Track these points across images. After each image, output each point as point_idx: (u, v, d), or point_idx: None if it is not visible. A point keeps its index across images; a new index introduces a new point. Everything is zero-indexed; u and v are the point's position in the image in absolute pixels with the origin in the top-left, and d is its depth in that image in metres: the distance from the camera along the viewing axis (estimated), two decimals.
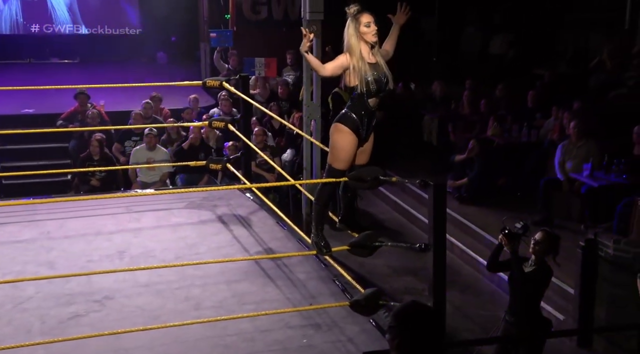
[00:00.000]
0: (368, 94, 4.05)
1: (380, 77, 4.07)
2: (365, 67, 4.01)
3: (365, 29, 4.02)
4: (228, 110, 9.62)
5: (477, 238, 7.80)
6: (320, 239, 4.32)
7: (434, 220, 3.78)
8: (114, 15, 15.05)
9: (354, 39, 4.02)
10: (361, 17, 4.02)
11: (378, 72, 4.06)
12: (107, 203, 6.10)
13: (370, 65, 4.05)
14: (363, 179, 4.06)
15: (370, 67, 4.03)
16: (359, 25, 4.02)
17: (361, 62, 4.01)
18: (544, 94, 9.84)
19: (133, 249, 5.19)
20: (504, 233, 4.81)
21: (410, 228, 8.63)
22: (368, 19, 4.03)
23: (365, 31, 4.02)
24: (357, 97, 4.07)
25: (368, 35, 4.03)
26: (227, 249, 5.23)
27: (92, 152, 8.38)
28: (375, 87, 4.04)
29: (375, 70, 4.05)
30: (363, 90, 4.03)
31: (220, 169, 6.77)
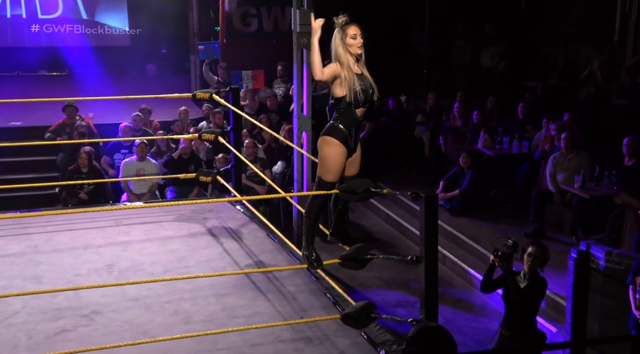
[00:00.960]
0: (356, 105, 4.08)
1: (367, 88, 4.11)
2: (354, 77, 4.04)
3: (352, 40, 4.05)
4: (218, 122, 9.62)
5: (469, 250, 7.81)
6: (311, 252, 4.32)
7: (425, 232, 3.78)
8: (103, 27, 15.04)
9: (341, 49, 4.05)
10: (348, 29, 4.06)
11: (364, 83, 4.10)
12: (95, 216, 6.07)
13: (357, 75, 4.08)
14: (354, 191, 4.06)
15: (357, 78, 4.06)
16: (345, 36, 4.05)
17: (350, 72, 4.04)
18: (535, 106, 9.90)
19: (122, 263, 5.17)
20: (496, 255, 4.83)
21: (402, 240, 8.64)
22: (355, 31, 4.06)
23: (351, 43, 4.06)
24: (344, 107, 4.09)
25: (353, 47, 4.06)
26: (217, 262, 5.21)
27: (80, 165, 8.36)
28: (363, 97, 4.08)
29: (362, 80, 4.09)
30: (351, 100, 4.06)
31: (210, 182, 6.76)
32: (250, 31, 12.72)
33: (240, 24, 12.65)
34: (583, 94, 9.71)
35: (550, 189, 7.90)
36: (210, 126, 9.59)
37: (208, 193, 8.66)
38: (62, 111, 9.69)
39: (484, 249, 7.58)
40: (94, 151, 8.70)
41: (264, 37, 12.64)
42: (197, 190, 8.58)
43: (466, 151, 8.82)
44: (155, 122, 10.11)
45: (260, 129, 9.58)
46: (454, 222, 8.35)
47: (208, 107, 10.24)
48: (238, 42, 12.36)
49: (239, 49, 12.20)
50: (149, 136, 9.25)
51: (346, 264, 4.12)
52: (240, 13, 12.58)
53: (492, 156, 9.01)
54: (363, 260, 4.07)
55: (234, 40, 12.32)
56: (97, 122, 9.93)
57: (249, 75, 10.29)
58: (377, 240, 8.64)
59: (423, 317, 3.80)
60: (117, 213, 6.20)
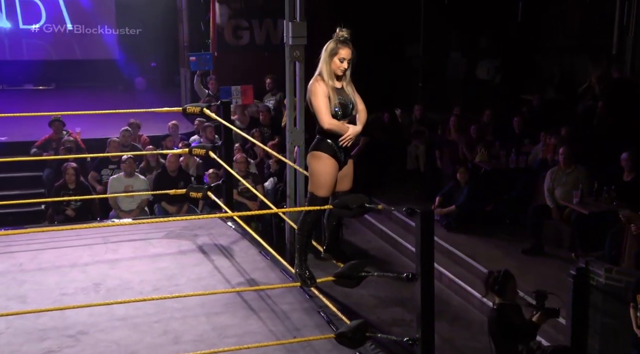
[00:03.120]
0: (335, 118, 4.12)
1: (347, 102, 4.14)
2: (333, 92, 4.09)
3: (338, 62, 4.08)
4: (210, 137, 9.62)
5: (466, 267, 7.81)
6: (304, 270, 4.31)
7: (421, 249, 3.78)
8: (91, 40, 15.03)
9: (326, 62, 4.09)
10: (341, 49, 4.08)
11: (344, 97, 4.14)
12: (82, 233, 6.04)
13: (336, 90, 4.12)
14: (348, 206, 4.06)
15: (336, 92, 4.11)
16: (334, 54, 4.07)
17: (330, 86, 4.08)
18: (532, 119, 9.96)
19: (109, 281, 5.14)
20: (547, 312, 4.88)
21: (397, 257, 8.63)
22: (345, 54, 4.07)
23: (335, 63, 4.08)
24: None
25: (336, 69, 4.09)
26: (207, 280, 5.19)
27: (67, 181, 8.33)
28: (341, 111, 4.12)
29: (340, 94, 4.13)
30: (330, 113, 4.09)
31: (200, 198, 6.75)
32: (242, 44, 12.76)
33: (231, 37, 12.70)
34: (580, 108, 9.78)
35: (548, 205, 7.92)
36: (201, 141, 9.60)
37: (198, 209, 8.65)
38: (48, 125, 9.67)
39: (481, 265, 7.58)
40: (80, 167, 8.67)
41: (255, 50, 12.69)
42: (187, 206, 8.57)
43: (462, 165, 8.84)
44: (145, 137, 10.10)
45: (252, 143, 9.59)
46: (450, 238, 8.36)
47: (200, 121, 10.24)
48: (229, 55, 12.40)
49: (230, 62, 12.23)
50: (138, 151, 9.24)
51: (340, 282, 4.10)
52: (231, 26, 12.64)
53: (488, 170, 9.04)
54: (357, 277, 4.05)
55: (226, 53, 12.36)
56: (85, 137, 9.91)
57: (238, 90, 10.36)
58: (372, 257, 8.64)
59: (419, 336, 3.78)
60: (105, 230, 6.17)
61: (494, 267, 7.36)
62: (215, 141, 9.26)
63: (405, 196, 9.84)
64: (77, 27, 14.89)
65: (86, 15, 14.84)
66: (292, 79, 7.43)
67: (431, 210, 3.92)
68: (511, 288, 5.02)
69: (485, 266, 7.53)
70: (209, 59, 11.27)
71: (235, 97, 10.31)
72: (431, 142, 10.36)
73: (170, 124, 10.12)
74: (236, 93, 10.34)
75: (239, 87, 10.33)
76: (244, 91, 10.39)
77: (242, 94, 10.36)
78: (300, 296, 4.90)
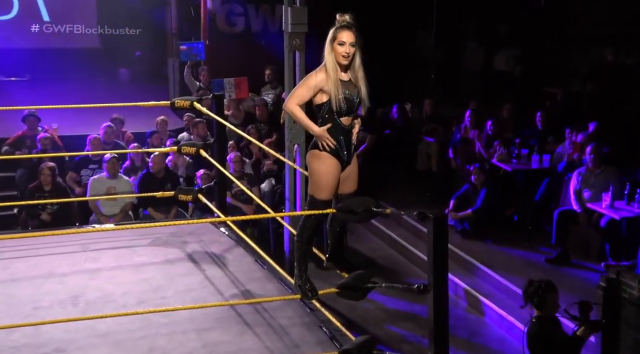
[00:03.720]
0: (339, 113, 4.10)
1: (352, 97, 4.12)
2: (337, 84, 4.06)
3: (339, 47, 4.06)
4: (201, 134, 9.62)
5: (483, 277, 7.80)
6: (304, 281, 4.30)
7: (433, 257, 3.78)
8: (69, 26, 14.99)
9: (328, 51, 4.09)
10: (340, 33, 4.07)
11: (350, 91, 4.11)
12: (59, 240, 6.05)
13: (342, 82, 4.10)
14: (353, 211, 4.06)
15: (342, 85, 4.08)
16: (334, 39, 4.07)
17: (333, 76, 4.06)
18: (556, 115, 9.95)
19: (89, 294, 5.14)
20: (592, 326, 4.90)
21: (408, 266, 8.63)
22: (345, 37, 4.05)
23: (337, 49, 4.07)
24: (327, 115, 4.11)
25: (338, 55, 4.07)
26: (197, 292, 5.18)
27: (42, 182, 8.33)
28: (346, 106, 4.10)
29: (347, 88, 4.10)
30: (333, 108, 4.08)
31: (190, 201, 6.74)
32: (236, 32, 12.77)
33: (224, 24, 12.71)
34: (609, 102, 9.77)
35: (575, 209, 7.90)
36: (191, 138, 9.59)
37: (188, 214, 8.63)
38: (22, 121, 9.67)
39: (499, 276, 7.57)
40: (57, 167, 8.66)
41: (251, 38, 12.69)
42: (175, 210, 8.56)
43: (479, 165, 8.84)
44: (129, 134, 10.11)
45: (247, 141, 9.58)
46: (466, 246, 8.36)
47: (189, 116, 10.24)
48: (222, 44, 12.40)
49: (223, 52, 12.23)
50: (121, 149, 9.23)
51: (345, 294, 4.10)
52: (224, 11, 12.65)
53: (508, 171, 9.03)
54: (363, 289, 4.05)
55: (218, 41, 12.37)
56: (62, 134, 9.90)
57: (231, 83, 10.29)
58: (380, 266, 8.64)
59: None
60: (85, 237, 6.18)
61: (515, 278, 7.40)
62: (207, 138, 9.25)
63: (416, 198, 9.83)
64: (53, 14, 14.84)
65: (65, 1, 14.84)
66: (292, 70, 7.42)
67: (445, 214, 3.91)
68: (552, 300, 5.07)
69: (504, 277, 7.52)
70: (201, 48, 11.26)
71: (229, 91, 10.27)
72: (444, 139, 10.35)
73: (158, 119, 10.11)
74: (229, 86, 10.29)
75: (232, 79, 10.30)
76: (238, 83, 10.34)
77: (236, 87, 10.32)
78: (300, 309, 4.89)
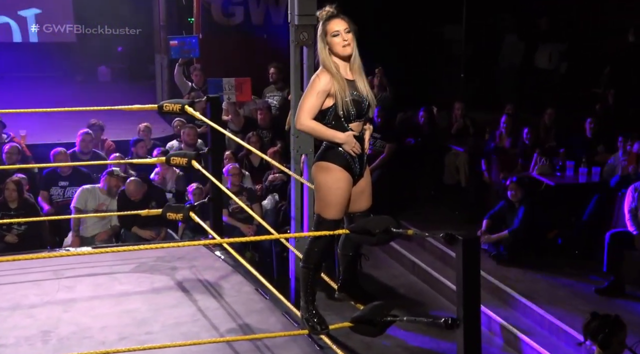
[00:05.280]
0: (347, 119, 4.13)
1: (361, 98, 4.16)
2: (343, 85, 4.11)
3: (333, 39, 4.12)
4: (191, 141, 9.66)
5: (521, 310, 7.78)
6: (312, 314, 4.31)
7: (463, 286, 3.77)
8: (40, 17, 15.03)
9: (324, 52, 4.14)
10: (329, 25, 4.13)
11: (358, 92, 4.16)
12: (28, 266, 6.05)
13: (348, 82, 4.15)
14: (369, 231, 4.06)
15: (348, 85, 4.13)
16: (326, 34, 4.13)
17: (338, 78, 4.10)
18: (608, 120, 9.93)
19: (62, 328, 5.14)
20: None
21: (433, 297, 8.62)
22: (337, 26, 4.12)
23: (332, 42, 4.12)
24: (334, 121, 4.15)
25: (337, 47, 4.12)
26: (188, 326, 5.19)
27: (7, 198, 8.34)
28: (355, 110, 4.14)
29: (354, 89, 4.15)
30: (340, 113, 4.11)
31: (181, 220, 6.76)
32: (234, 24, 12.82)
33: (221, 15, 12.76)
34: None
35: (630, 231, 7.88)
36: (182, 147, 9.63)
37: (178, 235, 8.65)
38: None
39: (541, 309, 7.55)
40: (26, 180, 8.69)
41: (251, 31, 12.74)
42: (164, 232, 8.58)
43: (516, 179, 8.83)
44: (109, 142, 10.15)
45: (247, 151, 9.61)
46: (501, 273, 8.34)
47: (180, 121, 10.27)
48: (218, 39, 12.46)
49: (219, 47, 12.28)
50: (101, 159, 9.27)
51: (359, 329, 4.10)
52: (221, 1, 12.72)
53: (551, 186, 9.02)
54: (381, 323, 4.05)
55: (213, 35, 12.42)
56: (31, 142, 9.95)
57: (232, 84, 10.21)
58: (400, 296, 8.63)
59: None
60: (57, 262, 6.17)
61: (559, 311, 7.38)
62: (200, 148, 9.28)
63: (443, 217, 9.82)
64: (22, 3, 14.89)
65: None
66: (299, 69, 7.45)
67: (477, 236, 3.91)
68: (620, 340, 5.04)
69: (547, 310, 7.50)
70: (194, 43, 11.28)
71: (228, 93, 10.18)
72: (476, 149, 10.35)
73: (141, 126, 10.14)
74: (229, 87, 10.20)
75: (233, 79, 10.24)
76: (240, 84, 10.24)
77: (237, 89, 10.23)
78: (308, 346, 4.89)
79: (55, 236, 8.80)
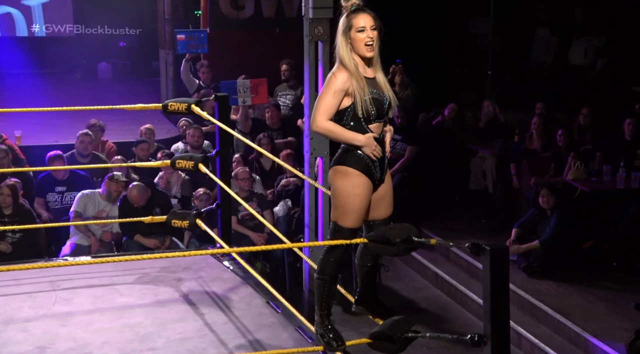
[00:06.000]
0: (367, 120, 4.14)
1: (382, 98, 4.17)
2: (363, 84, 4.11)
3: (358, 35, 4.12)
4: (197, 143, 9.68)
5: (554, 327, 7.76)
6: (327, 329, 4.32)
7: (491, 300, 3.77)
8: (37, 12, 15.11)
9: (345, 46, 4.14)
10: (355, 19, 4.13)
11: (378, 91, 4.17)
12: (22, 277, 6.08)
13: (368, 80, 4.16)
14: (388, 241, 4.07)
15: (367, 84, 4.14)
16: (350, 28, 4.12)
17: (357, 76, 4.11)
18: None
19: (59, 344, 5.16)
20: None
21: (458, 312, 8.61)
22: (364, 21, 4.12)
23: (356, 38, 4.12)
24: (352, 122, 4.16)
25: (359, 44, 4.12)
26: (195, 342, 5.20)
27: (1, 203, 8.36)
28: (375, 110, 4.14)
29: (373, 87, 4.16)
30: (359, 114, 4.12)
31: (186, 228, 6.78)
32: (244, 17, 12.86)
33: (229, 8, 12.80)
34: None
35: None
36: (188, 149, 9.66)
37: (183, 244, 8.67)
38: None
39: (575, 325, 7.52)
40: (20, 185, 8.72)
41: (262, 25, 12.77)
42: (169, 240, 8.60)
43: (548, 185, 8.81)
44: (110, 144, 10.19)
45: (257, 153, 9.63)
46: (532, 286, 8.32)
47: (186, 122, 10.29)
48: (227, 33, 12.50)
49: (228, 43, 12.32)
50: (101, 162, 9.30)
51: (378, 345, 4.11)
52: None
53: (586, 192, 8.99)
54: (402, 339, 4.05)
55: (222, 30, 12.46)
56: (26, 144, 9.99)
57: (247, 86, 10.06)
58: (422, 311, 8.62)
59: None
60: (54, 272, 6.19)
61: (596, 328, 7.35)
62: (207, 150, 9.31)
63: (469, 226, 9.81)
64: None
65: None
66: (313, 66, 7.47)
67: (505, 247, 3.91)
68: None
69: (581, 327, 7.47)
70: (203, 38, 11.29)
71: (243, 95, 10.05)
72: (504, 152, 10.33)
73: (143, 128, 10.15)
74: (244, 89, 10.06)
75: (248, 81, 10.15)
76: (255, 86, 10.13)
77: (252, 91, 10.13)
78: None
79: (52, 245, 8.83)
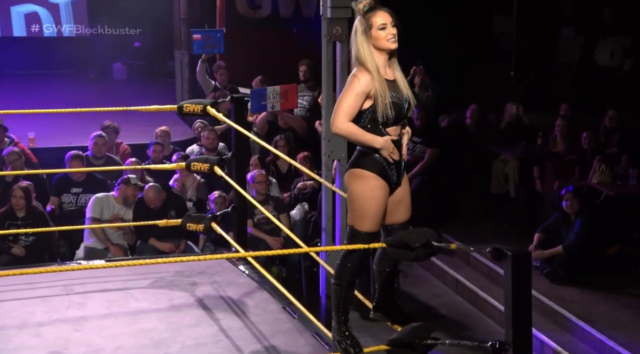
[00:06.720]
0: (385, 122, 4.15)
1: (401, 101, 4.18)
2: (384, 87, 4.12)
3: (379, 33, 4.13)
4: (212, 145, 9.70)
5: (578, 335, 7.73)
6: (344, 335, 4.33)
7: (512, 307, 3.77)
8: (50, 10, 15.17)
9: (365, 47, 4.14)
10: (373, 17, 4.13)
11: (398, 93, 4.17)
12: (35, 280, 6.10)
13: (388, 83, 4.16)
14: (407, 245, 4.07)
15: (388, 86, 4.14)
16: (370, 28, 4.13)
17: (378, 80, 4.12)
18: None
19: (72, 349, 5.19)
20: None
21: (478, 318, 8.59)
22: (384, 18, 4.13)
23: (378, 36, 4.13)
24: (369, 125, 4.16)
25: (382, 41, 4.13)
26: (210, 347, 5.22)
27: (14, 206, 8.40)
28: (393, 113, 4.15)
29: (393, 90, 4.16)
30: (377, 117, 4.14)
31: (202, 231, 6.80)
32: (261, 17, 12.88)
33: (246, 7, 12.83)
34: None
35: None
36: (203, 152, 9.69)
37: (199, 248, 8.69)
38: None
39: (600, 333, 7.49)
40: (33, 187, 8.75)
41: (280, 25, 12.79)
42: (184, 244, 8.63)
43: (573, 189, 8.79)
44: (124, 146, 10.24)
45: (274, 156, 9.64)
46: (556, 293, 8.29)
47: (202, 123, 10.31)
48: (243, 33, 12.52)
49: (244, 43, 12.33)
50: (115, 165, 9.34)
51: (397, 352, 4.11)
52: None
53: (611, 196, 8.96)
54: (421, 347, 4.06)
55: (238, 30, 12.48)
56: (39, 146, 10.03)
57: (277, 92, 9.96)
58: (442, 317, 8.61)
59: None
60: (68, 276, 6.21)
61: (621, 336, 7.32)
62: (223, 152, 9.33)
63: (490, 231, 9.78)
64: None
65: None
66: (331, 66, 7.48)
67: (527, 252, 3.90)
68: None
69: (607, 335, 7.43)
70: (219, 37, 11.30)
71: (272, 101, 10.00)
72: (527, 155, 10.30)
73: (158, 130, 10.18)
74: (273, 96, 10.00)
75: (278, 87, 10.09)
76: (285, 92, 10.08)
77: (282, 97, 10.09)
78: None
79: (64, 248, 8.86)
